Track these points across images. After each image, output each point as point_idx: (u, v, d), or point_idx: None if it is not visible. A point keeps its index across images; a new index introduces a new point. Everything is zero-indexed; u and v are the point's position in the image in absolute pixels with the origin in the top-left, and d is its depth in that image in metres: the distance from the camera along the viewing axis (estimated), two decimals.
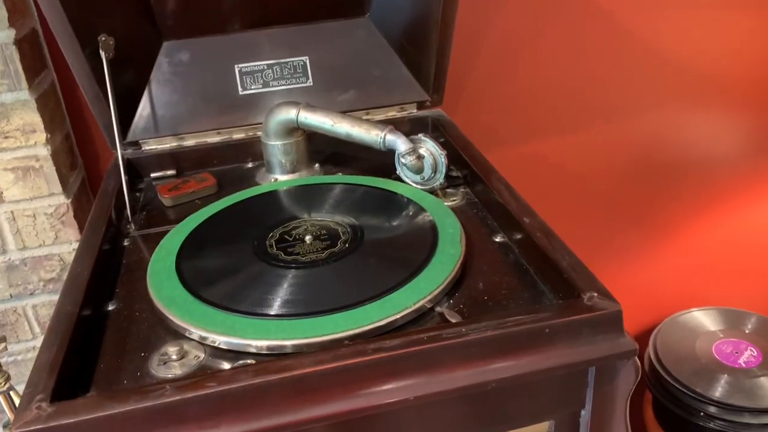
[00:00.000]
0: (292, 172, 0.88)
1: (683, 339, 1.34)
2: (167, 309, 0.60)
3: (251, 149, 0.93)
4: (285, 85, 0.95)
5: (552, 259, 0.60)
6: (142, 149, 0.92)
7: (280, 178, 0.87)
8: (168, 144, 0.92)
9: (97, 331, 0.60)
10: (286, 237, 0.71)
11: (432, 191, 0.80)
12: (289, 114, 0.84)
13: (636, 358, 0.55)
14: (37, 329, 1.04)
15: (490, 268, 0.65)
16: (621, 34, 1.18)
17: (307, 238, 0.70)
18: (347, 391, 0.50)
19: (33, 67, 0.92)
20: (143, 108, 0.91)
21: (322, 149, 0.92)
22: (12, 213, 0.95)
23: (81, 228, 0.98)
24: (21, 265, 0.99)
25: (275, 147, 0.86)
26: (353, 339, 0.54)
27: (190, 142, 0.93)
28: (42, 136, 0.92)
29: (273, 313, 0.58)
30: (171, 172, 0.91)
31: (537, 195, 0.81)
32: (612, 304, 0.54)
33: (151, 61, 0.92)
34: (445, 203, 0.76)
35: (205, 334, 0.57)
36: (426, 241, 0.67)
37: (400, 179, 0.82)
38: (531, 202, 0.70)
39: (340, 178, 0.86)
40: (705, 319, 1.40)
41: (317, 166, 0.91)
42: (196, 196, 0.85)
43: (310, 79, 0.96)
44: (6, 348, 0.72)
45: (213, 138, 0.94)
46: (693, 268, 1.46)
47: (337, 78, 0.96)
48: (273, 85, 0.95)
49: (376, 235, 0.70)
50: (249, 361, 0.55)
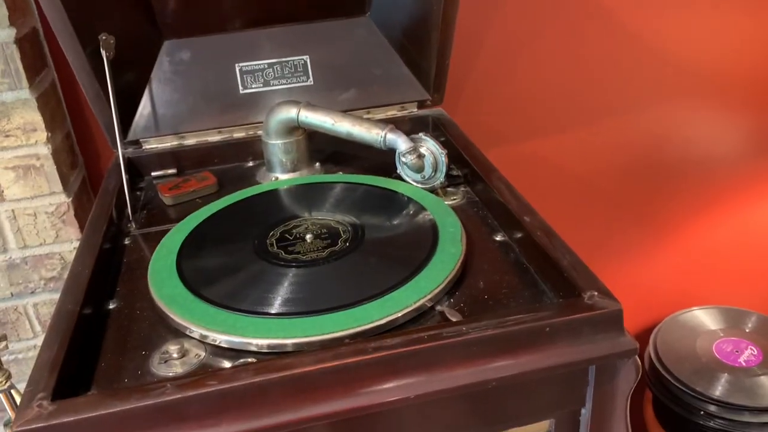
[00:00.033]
0: (293, 171, 0.88)
1: (683, 338, 1.34)
2: (168, 307, 0.60)
3: (252, 148, 0.93)
4: (286, 84, 0.95)
5: (552, 258, 0.60)
6: (143, 148, 0.92)
7: (281, 177, 0.87)
8: (169, 143, 0.92)
9: (97, 330, 0.60)
10: (287, 236, 0.71)
11: (432, 190, 0.80)
12: (289, 113, 0.84)
13: (636, 357, 0.55)
14: (38, 328, 1.04)
15: (491, 266, 0.66)
16: (621, 34, 1.18)
17: (308, 236, 0.70)
18: (348, 389, 0.50)
19: (33, 66, 0.92)
20: (144, 107, 0.91)
21: (322, 148, 0.92)
22: (13, 212, 0.96)
23: (82, 227, 0.99)
24: (22, 264, 0.99)
25: (276, 146, 0.86)
26: (354, 338, 0.55)
27: (190, 141, 0.93)
28: (43, 135, 0.92)
29: (274, 311, 0.58)
30: (172, 171, 0.91)
31: (537, 194, 0.81)
32: (612, 303, 0.54)
33: (152, 60, 0.92)
34: (446, 202, 0.77)
35: (205, 332, 0.57)
36: (426, 239, 0.67)
37: (400, 178, 0.82)
38: (531, 201, 0.70)
39: (340, 177, 0.86)
40: (705, 318, 1.40)
41: (318, 165, 0.91)
42: (197, 195, 0.85)
43: (311, 78, 0.96)
44: (7, 346, 0.72)
45: (214, 137, 0.94)
46: (693, 267, 1.46)
47: (338, 77, 0.96)
48: (274, 84, 0.95)
49: (377, 234, 0.70)
50: (250, 360, 0.55)
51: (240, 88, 0.94)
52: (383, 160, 0.86)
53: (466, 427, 0.56)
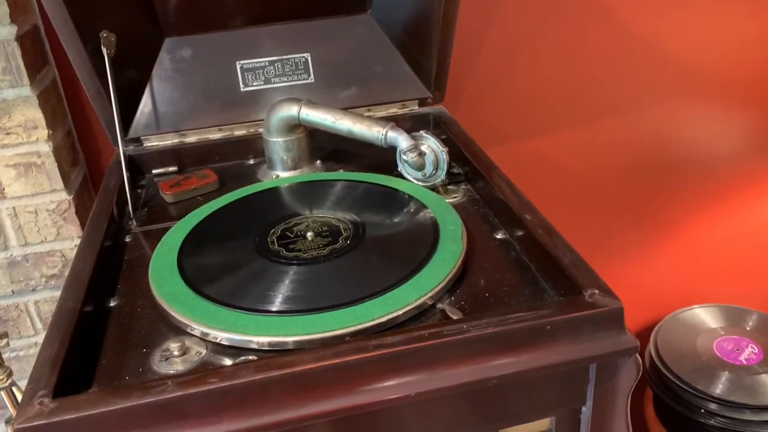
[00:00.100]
0: (294, 168, 0.88)
1: (684, 336, 1.34)
2: (169, 305, 0.60)
3: (253, 146, 0.93)
4: (286, 81, 0.95)
5: (553, 256, 0.60)
6: (144, 146, 0.92)
7: (282, 175, 0.87)
8: (169, 140, 0.92)
9: (98, 327, 0.60)
10: (288, 233, 0.71)
11: (433, 188, 0.80)
12: (290, 111, 0.84)
13: (637, 355, 0.55)
14: (39, 325, 1.04)
15: (492, 264, 0.65)
16: (622, 33, 1.18)
17: (309, 234, 0.70)
18: (348, 387, 0.50)
19: (34, 63, 0.92)
20: (145, 104, 0.91)
21: (323, 146, 0.92)
22: (14, 209, 0.96)
23: (83, 224, 0.99)
24: (23, 261, 0.99)
25: (277, 144, 0.86)
26: (354, 335, 0.55)
27: (191, 138, 0.93)
28: (44, 133, 0.92)
29: (274, 309, 0.58)
30: (172, 169, 0.91)
31: (538, 192, 0.81)
32: (613, 301, 0.54)
33: (153, 58, 0.92)
34: (447, 200, 0.77)
35: (206, 330, 0.57)
36: (427, 237, 0.67)
37: (401, 176, 0.82)
38: (532, 199, 0.70)
39: (341, 174, 0.86)
40: (706, 316, 1.40)
41: (319, 162, 0.91)
42: (198, 193, 0.85)
43: (312, 76, 0.95)
44: (8, 344, 0.73)
45: (214, 134, 0.94)
46: (694, 266, 1.46)
47: (339, 75, 0.96)
48: (274, 82, 0.95)
49: (378, 232, 0.70)
50: (250, 358, 0.55)
51: (241, 85, 0.94)
52: (384, 158, 0.86)
53: (466, 425, 0.56)
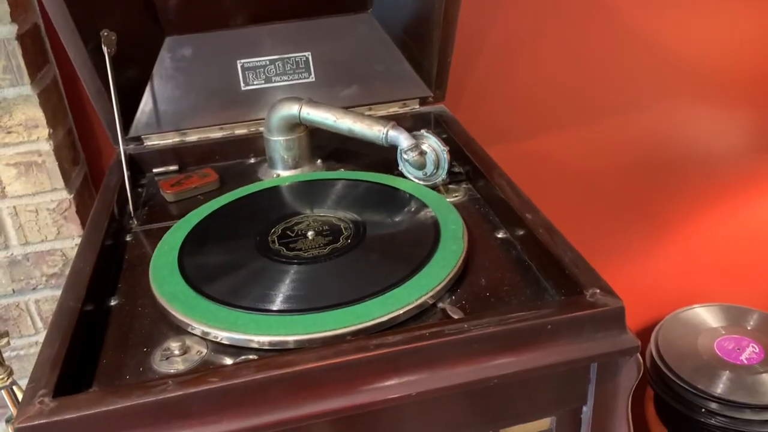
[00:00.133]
0: (295, 167, 0.88)
1: (685, 335, 1.34)
2: (169, 304, 0.60)
3: (253, 145, 0.93)
4: (287, 80, 0.95)
5: (554, 255, 0.60)
6: (145, 145, 0.92)
7: (283, 174, 0.87)
8: (170, 139, 0.92)
9: (99, 327, 0.60)
10: (289, 233, 0.71)
11: (434, 187, 0.80)
12: (291, 110, 0.84)
13: (638, 355, 0.55)
14: (39, 324, 1.04)
15: (492, 264, 0.65)
16: (623, 32, 1.18)
17: (310, 233, 0.70)
18: (349, 386, 0.50)
19: (35, 62, 0.92)
20: (145, 103, 0.91)
21: (324, 145, 0.92)
22: (14, 208, 0.96)
23: (83, 223, 0.99)
24: (23, 261, 0.99)
25: (277, 143, 0.86)
26: (355, 335, 0.54)
27: (192, 137, 0.93)
28: (44, 132, 0.92)
29: (275, 308, 0.58)
30: (173, 168, 0.91)
31: (539, 192, 0.81)
32: (614, 301, 0.53)
33: (154, 57, 0.92)
34: (448, 199, 0.76)
35: (207, 329, 0.57)
36: (428, 237, 0.67)
37: (402, 175, 0.82)
38: (533, 198, 0.69)
39: (342, 173, 0.86)
40: (707, 315, 1.40)
41: (319, 161, 0.91)
42: (199, 192, 0.85)
43: (313, 75, 0.95)
44: (9, 343, 0.73)
45: (215, 133, 0.94)
46: (695, 265, 1.46)
47: (340, 74, 0.96)
48: (275, 81, 0.95)
49: (379, 231, 0.70)
50: (251, 357, 0.55)
51: (242, 84, 0.94)
52: (385, 157, 0.86)
53: (467, 425, 0.56)
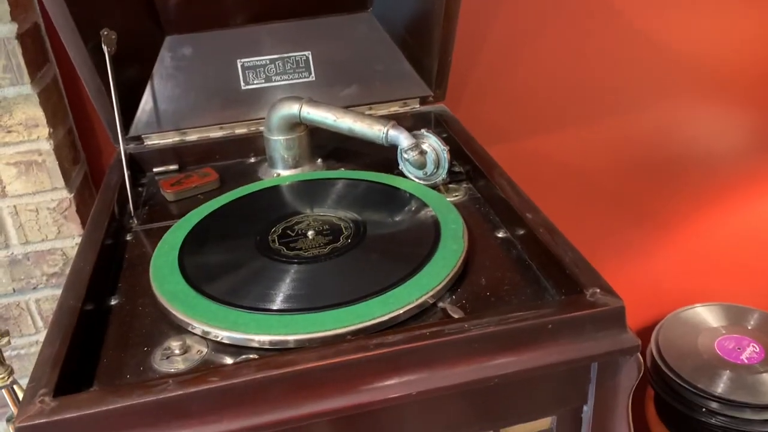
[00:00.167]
0: (295, 167, 0.88)
1: (685, 335, 1.34)
2: (170, 304, 0.60)
3: (254, 144, 0.93)
4: (287, 80, 0.95)
5: (555, 254, 0.60)
6: (145, 144, 0.92)
7: (283, 173, 0.87)
8: (170, 139, 0.92)
9: (99, 326, 0.60)
10: (289, 232, 0.71)
11: (434, 186, 0.80)
12: (291, 109, 0.84)
13: (638, 354, 0.55)
14: (40, 323, 1.04)
15: (493, 263, 0.65)
16: (624, 31, 1.18)
17: (310, 233, 0.70)
18: (349, 386, 0.50)
19: (35, 61, 0.92)
20: (146, 103, 0.91)
21: (324, 144, 0.92)
22: (15, 207, 0.96)
23: (83, 222, 0.99)
24: (24, 260, 0.99)
25: (278, 142, 0.86)
26: (355, 334, 0.54)
27: (192, 137, 0.93)
28: (44, 131, 0.92)
29: (275, 308, 0.58)
30: (173, 167, 0.91)
31: (539, 191, 0.81)
32: (615, 300, 0.53)
33: (154, 56, 0.92)
34: (448, 199, 0.76)
35: (207, 328, 0.57)
36: (428, 236, 0.67)
37: (402, 174, 0.82)
38: (533, 198, 0.69)
39: (342, 173, 0.86)
40: (707, 315, 1.40)
41: (320, 161, 0.91)
42: (199, 191, 0.85)
43: (313, 74, 0.95)
44: (9, 342, 0.73)
45: (215, 133, 0.93)
46: (695, 264, 1.46)
47: (340, 73, 0.96)
48: (275, 80, 0.95)
49: (379, 231, 0.70)
50: (251, 356, 0.55)
51: (242, 83, 0.94)
52: (385, 157, 0.86)
53: (467, 424, 0.56)
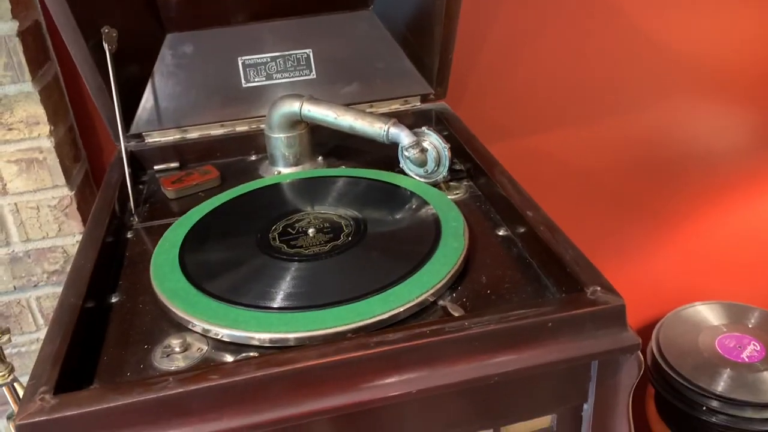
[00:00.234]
0: (296, 164, 0.88)
1: (686, 333, 1.34)
2: (170, 301, 0.60)
3: (254, 142, 0.93)
4: (288, 77, 0.95)
5: (555, 252, 0.60)
6: (146, 142, 0.92)
7: (284, 171, 0.87)
8: (171, 136, 0.92)
9: (100, 324, 0.60)
10: (289, 230, 0.70)
11: (435, 184, 0.80)
12: (292, 107, 0.84)
13: (639, 353, 0.55)
14: (40, 321, 1.04)
15: (493, 261, 0.65)
16: (624, 31, 1.18)
17: (310, 231, 0.70)
18: (350, 384, 0.50)
19: (36, 59, 0.92)
20: (146, 100, 0.91)
21: (325, 142, 0.92)
22: (16, 205, 0.96)
23: (84, 220, 0.99)
24: (25, 257, 0.99)
25: (278, 140, 0.86)
26: (356, 332, 0.54)
27: (193, 134, 0.93)
28: (45, 128, 0.92)
29: (276, 306, 0.58)
30: (174, 165, 0.91)
31: (540, 189, 0.81)
32: (615, 299, 0.53)
33: (155, 54, 0.92)
34: (449, 196, 0.76)
35: (208, 326, 0.57)
36: (429, 234, 0.67)
37: (403, 172, 0.82)
38: (534, 196, 0.69)
39: (343, 171, 0.86)
40: (708, 313, 1.40)
41: (320, 158, 0.91)
42: (200, 189, 0.85)
43: (314, 72, 0.95)
44: (10, 339, 0.73)
45: (216, 130, 0.93)
46: (696, 263, 1.46)
47: (341, 71, 0.96)
48: (276, 78, 0.95)
49: (379, 229, 0.70)
50: (252, 354, 0.55)
51: (243, 81, 0.94)
52: (386, 154, 0.86)
53: (468, 422, 0.56)
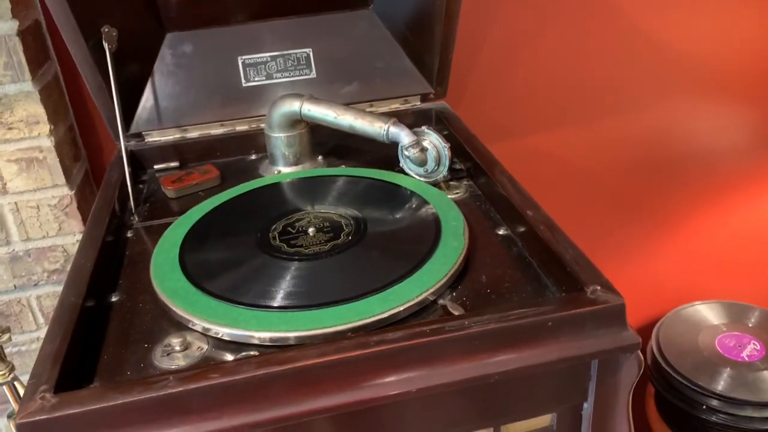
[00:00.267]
0: (296, 164, 0.88)
1: (686, 332, 1.34)
2: (170, 300, 0.60)
3: (254, 141, 0.93)
4: (288, 77, 0.95)
5: (555, 252, 0.60)
6: (146, 141, 0.92)
7: (284, 171, 0.87)
8: (171, 136, 0.92)
9: (100, 323, 0.61)
10: (290, 229, 0.71)
11: (435, 184, 0.80)
12: (292, 106, 0.84)
13: (639, 352, 0.55)
14: (41, 320, 1.04)
15: (493, 260, 0.65)
16: (624, 31, 1.18)
17: (310, 230, 0.70)
18: (350, 383, 0.50)
19: (36, 58, 0.92)
20: (146, 100, 0.91)
21: (325, 141, 0.92)
22: (16, 204, 0.96)
23: (84, 219, 0.99)
24: (25, 257, 0.99)
25: (278, 139, 0.86)
26: (356, 331, 0.54)
27: (193, 134, 0.93)
28: (45, 128, 0.92)
29: (276, 305, 0.58)
30: (174, 164, 0.91)
31: (540, 188, 0.81)
32: (615, 298, 0.53)
33: (155, 53, 0.92)
34: (449, 196, 0.76)
35: (208, 325, 0.57)
36: (429, 233, 0.67)
37: (403, 172, 0.82)
38: (534, 195, 0.69)
39: (343, 170, 0.86)
40: (708, 312, 1.40)
41: (320, 158, 0.91)
42: (200, 188, 0.85)
43: (314, 71, 0.95)
44: (10, 338, 0.73)
45: (216, 130, 0.93)
46: (696, 262, 1.46)
47: (341, 70, 0.96)
48: (276, 77, 0.95)
49: (379, 228, 0.70)
50: (252, 353, 0.55)
51: (243, 81, 0.94)
52: (386, 154, 0.86)
53: (468, 421, 0.56)
